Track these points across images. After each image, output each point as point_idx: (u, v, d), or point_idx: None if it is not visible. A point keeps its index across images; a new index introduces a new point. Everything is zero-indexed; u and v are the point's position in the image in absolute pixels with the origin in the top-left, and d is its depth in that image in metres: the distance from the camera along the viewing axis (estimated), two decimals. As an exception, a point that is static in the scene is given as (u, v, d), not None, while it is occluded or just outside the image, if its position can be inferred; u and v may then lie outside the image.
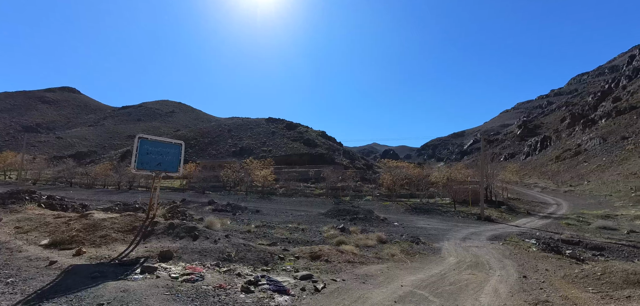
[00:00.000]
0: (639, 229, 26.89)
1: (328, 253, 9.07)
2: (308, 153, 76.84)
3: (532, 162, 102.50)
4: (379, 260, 9.28)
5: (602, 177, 63.23)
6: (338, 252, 9.25)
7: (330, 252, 9.17)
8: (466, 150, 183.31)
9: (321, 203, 37.88)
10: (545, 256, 12.61)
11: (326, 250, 9.31)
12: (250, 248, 9.06)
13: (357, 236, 15.42)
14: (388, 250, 11.91)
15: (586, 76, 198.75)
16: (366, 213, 24.81)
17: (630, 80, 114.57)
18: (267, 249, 9.50)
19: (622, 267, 6.34)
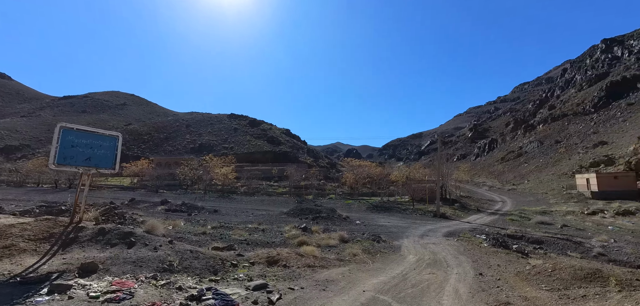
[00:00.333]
0: (570, 223, 30.08)
1: (287, 258, 8.60)
2: (272, 151, 75.43)
3: (481, 163, 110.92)
4: (340, 262, 8.98)
5: (539, 176, 70.20)
6: (297, 256, 8.85)
7: (289, 256, 8.73)
8: (424, 151, 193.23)
9: (284, 202, 37.18)
10: (495, 251, 13.33)
11: (285, 254, 8.85)
12: (198, 254, 8.22)
13: (319, 236, 15.12)
14: (350, 250, 11.74)
15: (527, 85, 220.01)
16: (329, 212, 24.70)
17: (563, 90, 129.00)
18: (218, 255, 8.73)
19: (569, 263, 6.77)
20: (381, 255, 11.08)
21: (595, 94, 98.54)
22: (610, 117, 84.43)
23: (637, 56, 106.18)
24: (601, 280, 5.90)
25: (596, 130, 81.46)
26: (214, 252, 8.74)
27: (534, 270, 7.21)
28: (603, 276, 6.01)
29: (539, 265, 7.56)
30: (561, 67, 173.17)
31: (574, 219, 32.93)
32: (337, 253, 11.60)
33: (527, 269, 7.69)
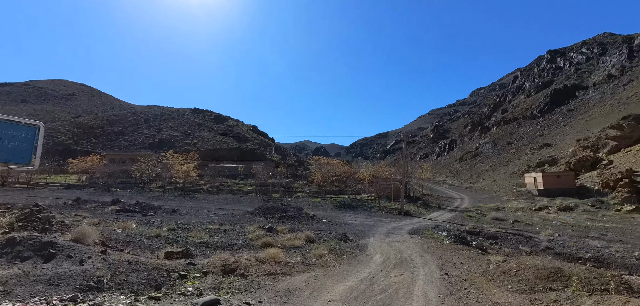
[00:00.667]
0: (520, 219, 32.42)
1: (245, 265, 7.89)
2: (238, 148, 73.06)
3: (442, 162, 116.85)
4: (305, 266, 8.52)
5: (493, 175, 75.36)
6: (258, 262, 8.20)
7: (248, 263, 8.03)
8: (389, 150, 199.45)
9: (250, 200, 36.02)
10: (457, 248, 13.72)
11: (243, 261, 8.13)
12: (138, 266, 7.02)
13: (285, 237, 14.60)
14: (316, 251, 11.36)
15: (483, 90, 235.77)
16: (296, 211, 24.22)
17: (514, 96, 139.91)
18: (164, 265, 7.55)
19: (533, 263, 6.94)
20: (348, 256, 10.84)
21: (541, 100, 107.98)
22: (554, 121, 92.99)
23: (576, 67, 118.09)
24: (563, 279, 6.08)
25: (542, 133, 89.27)
26: (159, 262, 7.64)
27: (499, 270, 7.32)
28: (564, 275, 6.22)
29: (503, 264, 7.67)
30: (513, 74, 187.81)
31: (524, 215, 35.44)
32: (303, 254, 11.16)
33: (491, 268, 7.80)
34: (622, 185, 40.40)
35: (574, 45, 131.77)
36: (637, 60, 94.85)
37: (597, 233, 25.01)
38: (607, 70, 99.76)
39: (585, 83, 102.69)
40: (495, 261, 8.47)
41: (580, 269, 6.39)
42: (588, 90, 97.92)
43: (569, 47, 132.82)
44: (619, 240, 22.85)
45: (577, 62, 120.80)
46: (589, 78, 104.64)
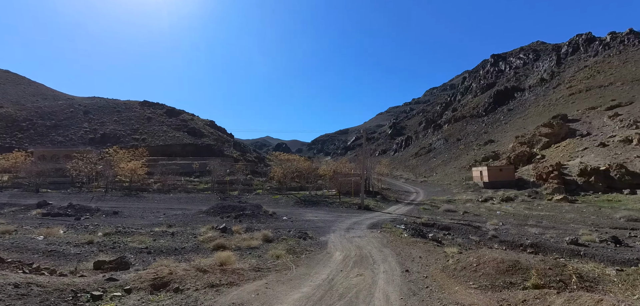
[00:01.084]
0: (469, 210, 34.66)
1: (182, 277, 6.67)
2: (193, 144, 68.89)
3: (399, 157, 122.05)
4: (257, 272, 7.73)
5: (445, 169, 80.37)
6: (198, 272, 7.06)
7: (185, 274, 6.84)
8: (349, 146, 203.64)
9: (205, 199, 33.95)
10: (415, 241, 13.91)
11: (180, 272, 6.92)
12: (30, 289, 5.29)
13: (241, 237, 13.66)
14: (273, 252, 10.67)
15: (436, 90, 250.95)
16: (254, 209, 23.15)
17: (463, 96, 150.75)
18: (72, 285, 5.90)
19: (491, 256, 6.90)
20: (307, 255, 10.30)
21: (486, 100, 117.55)
22: (496, 119, 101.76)
23: (515, 71, 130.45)
24: (522, 272, 6.12)
25: (486, 131, 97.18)
26: (67, 281, 6.09)
27: (459, 265, 7.27)
28: (522, 267, 6.32)
29: (463, 259, 7.53)
30: (462, 75, 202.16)
31: (472, 206, 37.92)
32: (259, 256, 10.40)
33: (450, 263, 7.77)
34: (553, 177, 45.27)
35: (513, 50, 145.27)
36: (564, 66, 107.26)
37: (534, 221, 27.39)
38: (540, 75, 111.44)
39: (522, 85, 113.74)
40: (452, 254, 8.53)
41: (535, 260, 6.55)
42: (525, 91, 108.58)
43: (509, 52, 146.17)
44: (552, 226, 25.24)
45: (516, 66, 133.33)
46: (525, 81, 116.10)
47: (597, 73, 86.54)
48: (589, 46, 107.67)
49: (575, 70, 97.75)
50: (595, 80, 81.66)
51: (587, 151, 50.76)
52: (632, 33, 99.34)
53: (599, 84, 77.85)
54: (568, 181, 43.92)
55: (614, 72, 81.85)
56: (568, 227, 25.35)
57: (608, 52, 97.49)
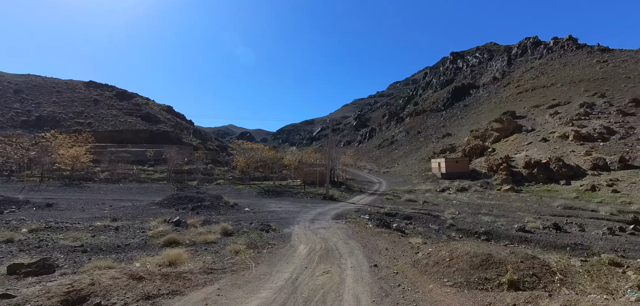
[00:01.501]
0: (429, 200, 36.12)
1: (108, 287, 5.37)
2: (147, 130, 63.88)
3: (363, 149, 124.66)
4: (208, 274, 6.77)
5: (406, 161, 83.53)
6: (130, 280, 5.77)
7: (113, 284, 5.56)
8: (315, 137, 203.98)
9: (159, 189, 31.54)
10: (379, 231, 13.83)
11: (106, 281, 5.63)
12: None
13: (197, 231, 12.57)
14: (232, 247, 9.83)
15: (399, 84, 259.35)
16: (213, 200, 21.81)
17: (424, 90, 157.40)
18: None
19: (464, 250, 6.69)
20: (269, 250, 9.61)
21: (445, 96, 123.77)
22: (454, 114, 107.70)
23: (471, 69, 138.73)
24: (495, 266, 5.91)
25: (444, 124, 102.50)
26: None
27: (431, 260, 6.99)
28: (495, 261, 6.07)
29: (434, 252, 7.35)
30: (423, 71, 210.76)
31: (431, 196, 39.58)
32: (216, 252, 9.50)
33: (421, 257, 7.53)
34: (502, 169, 48.86)
35: (470, 49, 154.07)
36: (513, 67, 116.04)
37: (486, 210, 29.14)
38: (493, 73, 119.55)
39: (477, 83, 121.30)
40: (417, 245, 8.36)
41: (505, 253, 6.51)
42: (479, 89, 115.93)
43: (467, 50, 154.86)
44: (502, 214, 27.00)
45: (472, 64, 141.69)
46: (480, 79, 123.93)
47: (541, 74, 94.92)
48: (536, 49, 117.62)
49: (523, 71, 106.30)
50: (540, 81, 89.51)
51: (531, 145, 55.43)
52: (571, 39, 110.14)
53: (542, 84, 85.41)
54: (515, 172, 47.62)
55: (555, 74, 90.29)
56: (515, 215, 27.32)
57: (551, 56, 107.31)
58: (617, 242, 19.07)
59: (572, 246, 18.41)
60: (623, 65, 79.46)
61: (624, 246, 18.41)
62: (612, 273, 5.11)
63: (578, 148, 48.68)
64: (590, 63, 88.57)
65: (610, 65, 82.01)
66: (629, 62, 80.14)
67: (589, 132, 51.76)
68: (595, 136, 50.60)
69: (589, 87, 71.90)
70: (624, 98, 60.36)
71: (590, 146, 48.41)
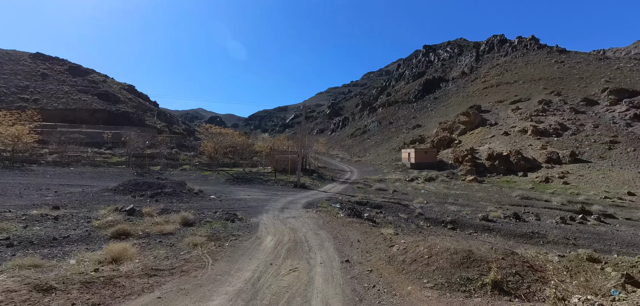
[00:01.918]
0: (398, 189, 36.74)
1: None
2: (105, 111, 58.97)
3: (336, 137, 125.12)
4: (151, 276, 5.82)
5: (378, 150, 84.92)
6: (33, 292, 4.44)
7: (5, 300, 4.20)
8: (288, 124, 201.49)
9: (117, 174, 29.15)
10: (351, 221, 13.47)
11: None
12: None
13: (152, 220, 11.42)
14: (191, 239, 8.92)
15: (373, 74, 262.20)
16: (176, 186, 20.37)
17: (397, 82, 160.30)
18: None
19: (443, 246, 6.16)
20: (232, 242, 8.80)
21: (416, 88, 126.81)
22: (424, 106, 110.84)
23: (442, 62, 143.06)
24: (477, 264, 5.63)
25: (415, 116, 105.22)
26: None
27: (408, 256, 6.35)
28: (476, 258, 5.81)
29: (411, 248, 6.83)
30: (396, 62, 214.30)
31: (400, 185, 40.33)
32: (171, 245, 8.54)
33: (396, 252, 7.00)
34: (467, 160, 51.01)
35: (442, 43, 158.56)
36: (481, 63, 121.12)
37: (452, 199, 30.07)
38: (461, 68, 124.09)
39: (447, 77, 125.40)
40: (390, 236, 8.00)
41: (485, 249, 6.21)
42: (448, 82, 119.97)
43: (439, 44, 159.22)
44: (467, 204, 27.96)
45: (443, 58, 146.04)
46: (450, 73, 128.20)
47: (506, 71, 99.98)
48: (502, 47, 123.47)
49: (489, 67, 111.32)
50: (504, 78, 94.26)
51: (494, 138, 58.31)
52: (533, 39, 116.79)
53: (506, 81, 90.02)
54: (479, 164, 49.88)
55: (518, 71, 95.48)
56: (479, 204, 28.43)
57: (515, 54, 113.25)
58: (569, 231, 20.37)
59: (530, 234, 19.40)
60: (577, 66, 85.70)
61: (575, 234, 19.71)
62: (591, 270, 5.04)
63: (535, 142, 51.90)
64: (549, 63, 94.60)
65: (566, 65, 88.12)
66: (582, 64, 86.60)
67: (545, 128, 55.34)
68: (551, 132, 54.21)
69: (547, 85, 76.79)
70: (577, 97, 65.17)
71: (546, 141, 51.81)
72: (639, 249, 17.77)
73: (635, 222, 24.88)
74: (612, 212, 27.48)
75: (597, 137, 50.17)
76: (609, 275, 4.72)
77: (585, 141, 49.84)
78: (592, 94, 64.91)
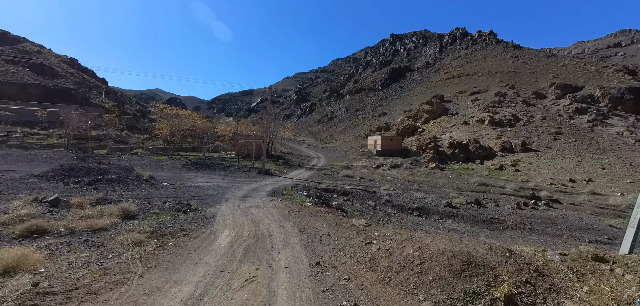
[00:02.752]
0: (365, 176, 36.63)
1: None
2: (41, 85, 51.77)
3: (303, 123, 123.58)
4: (34, 300, 4.14)
5: (344, 137, 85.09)
6: None
7: None
8: (254, 108, 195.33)
9: (51, 158, 25.43)
10: (319, 211, 12.50)
11: None
12: None
13: (82, 213, 9.49)
14: (127, 236, 7.32)
15: (341, 61, 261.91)
16: (121, 172, 17.93)
17: (364, 69, 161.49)
18: None
19: (436, 247, 4.88)
20: (177, 242, 7.31)
21: (383, 76, 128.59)
22: (390, 94, 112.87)
23: (408, 52, 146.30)
24: (480, 271, 4.60)
25: (381, 104, 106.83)
26: None
27: (395, 262, 5.11)
28: (478, 263, 4.80)
29: (396, 249, 5.62)
30: (364, 50, 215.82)
31: (367, 172, 40.35)
32: (99, 245, 6.89)
33: (376, 252, 5.78)
34: (430, 148, 52.60)
35: (408, 33, 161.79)
36: (444, 54, 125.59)
37: (417, 186, 30.48)
38: (426, 59, 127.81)
39: (412, 66, 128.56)
40: (361, 228, 7.02)
41: (484, 249, 5.25)
42: (414, 72, 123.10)
43: (405, 34, 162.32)
44: (431, 191, 28.43)
45: (409, 48, 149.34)
46: (415, 62, 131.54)
47: (467, 63, 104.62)
48: (463, 39, 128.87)
49: (451, 59, 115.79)
50: (465, 70, 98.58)
51: (454, 127, 60.74)
52: (492, 34, 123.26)
53: (467, 73, 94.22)
54: (440, 152, 51.64)
55: (477, 64, 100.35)
56: (442, 191, 29.07)
57: (475, 47, 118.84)
58: (525, 216, 21.35)
59: (491, 220, 19.97)
60: (529, 62, 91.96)
61: (531, 219, 20.68)
62: (600, 272, 4.52)
63: (492, 132, 54.86)
64: (505, 57, 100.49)
65: (520, 61, 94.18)
66: (534, 60, 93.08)
67: (501, 118, 58.67)
68: (505, 122, 57.59)
69: (503, 78, 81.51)
70: (528, 91, 69.91)
71: (501, 131, 54.97)
72: (586, 232, 19.02)
73: (578, 207, 27.00)
74: (558, 197, 29.66)
75: (545, 128, 54.19)
76: (621, 278, 4.22)
77: (535, 132, 53.61)
78: (541, 88, 70.00)
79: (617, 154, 44.37)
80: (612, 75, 74.92)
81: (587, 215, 23.97)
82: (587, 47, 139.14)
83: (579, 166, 42.09)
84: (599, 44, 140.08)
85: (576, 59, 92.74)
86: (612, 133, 50.90)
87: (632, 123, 54.22)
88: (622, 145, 47.19)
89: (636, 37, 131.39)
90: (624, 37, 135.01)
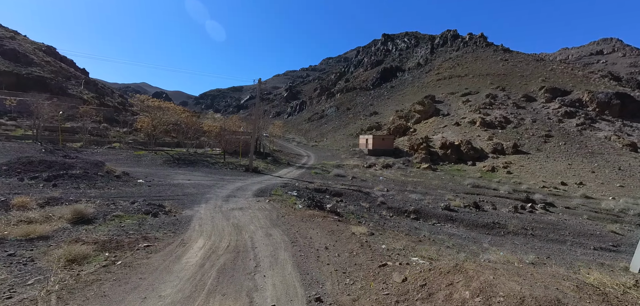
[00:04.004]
0: (357, 175, 35.39)
1: None
2: (14, 73, 48.41)
3: (293, 121, 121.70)
4: None
5: (335, 135, 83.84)
6: None
7: None
8: (243, 105, 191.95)
9: (13, 150, 23.07)
10: (312, 214, 11.04)
11: None
12: None
13: (22, 216, 7.74)
14: (67, 250, 5.68)
15: (332, 60, 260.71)
16: (89, 167, 16.01)
17: (355, 68, 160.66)
18: None
19: (511, 290, 3.09)
20: (131, 259, 5.69)
21: (374, 76, 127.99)
22: (381, 94, 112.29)
23: (400, 52, 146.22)
24: None
25: (372, 103, 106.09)
26: None
27: (416, 297, 3.27)
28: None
29: (438, 288, 3.54)
30: (355, 50, 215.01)
31: (359, 171, 39.12)
32: (26, 262, 5.24)
33: (403, 288, 3.43)
34: (422, 148, 51.84)
35: (400, 34, 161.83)
36: (435, 55, 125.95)
37: (411, 187, 29.37)
38: (417, 59, 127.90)
39: (404, 66, 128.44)
40: (365, 239, 5.63)
41: (571, 291, 3.21)
42: (405, 72, 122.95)
43: (397, 34, 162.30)
44: (426, 192, 27.33)
45: (400, 48, 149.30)
46: (407, 63, 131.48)
47: (458, 65, 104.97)
48: (454, 41, 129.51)
49: (443, 60, 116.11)
50: (456, 71, 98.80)
51: (446, 128, 60.27)
52: (482, 37, 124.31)
53: (458, 74, 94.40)
54: (432, 152, 50.92)
55: (468, 66, 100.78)
56: (437, 192, 28.03)
57: (466, 49, 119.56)
58: (525, 220, 20.46)
59: (491, 224, 18.96)
60: (519, 65, 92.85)
61: (531, 224, 19.80)
62: None
63: (483, 133, 54.57)
64: (495, 60, 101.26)
65: (510, 64, 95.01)
66: (523, 63, 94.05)
67: (492, 120, 58.52)
68: (496, 124, 57.45)
69: (493, 80, 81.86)
70: (519, 93, 70.25)
71: (492, 132, 54.74)
72: (589, 239, 18.22)
73: (574, 211, 26.46)
74: (552, 201, 29.12)
75: (535, 130, 54.25)
76: None
77: (525, 134, 53.58)
78: (531, 91, 70.46)
79: (606, 158, 44.57)
80: (599, 80, 76.19)
81: (585, 219, 23.41)
82: (571, 54, 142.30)
83: (569, 169, 41.99)
84: (583, 50, 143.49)
85: (563, 64, 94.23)
86: (600, 137, 51.31)
87: (619, 128, 54.92)
88: (611, 149, 47.54)
89: (617, 46, 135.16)
90: (606, 45, 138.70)
